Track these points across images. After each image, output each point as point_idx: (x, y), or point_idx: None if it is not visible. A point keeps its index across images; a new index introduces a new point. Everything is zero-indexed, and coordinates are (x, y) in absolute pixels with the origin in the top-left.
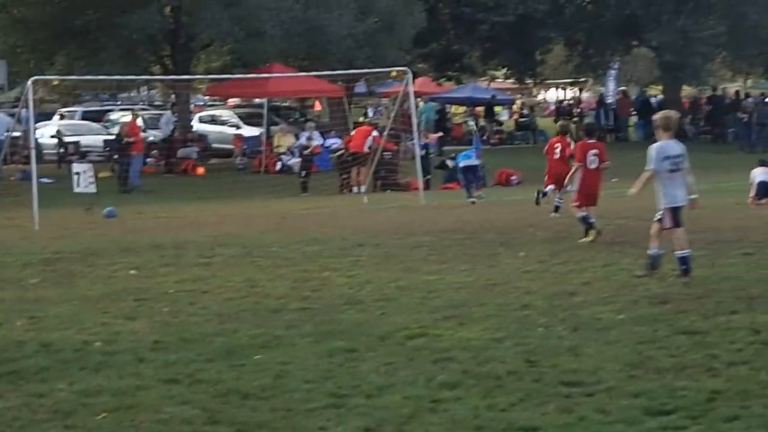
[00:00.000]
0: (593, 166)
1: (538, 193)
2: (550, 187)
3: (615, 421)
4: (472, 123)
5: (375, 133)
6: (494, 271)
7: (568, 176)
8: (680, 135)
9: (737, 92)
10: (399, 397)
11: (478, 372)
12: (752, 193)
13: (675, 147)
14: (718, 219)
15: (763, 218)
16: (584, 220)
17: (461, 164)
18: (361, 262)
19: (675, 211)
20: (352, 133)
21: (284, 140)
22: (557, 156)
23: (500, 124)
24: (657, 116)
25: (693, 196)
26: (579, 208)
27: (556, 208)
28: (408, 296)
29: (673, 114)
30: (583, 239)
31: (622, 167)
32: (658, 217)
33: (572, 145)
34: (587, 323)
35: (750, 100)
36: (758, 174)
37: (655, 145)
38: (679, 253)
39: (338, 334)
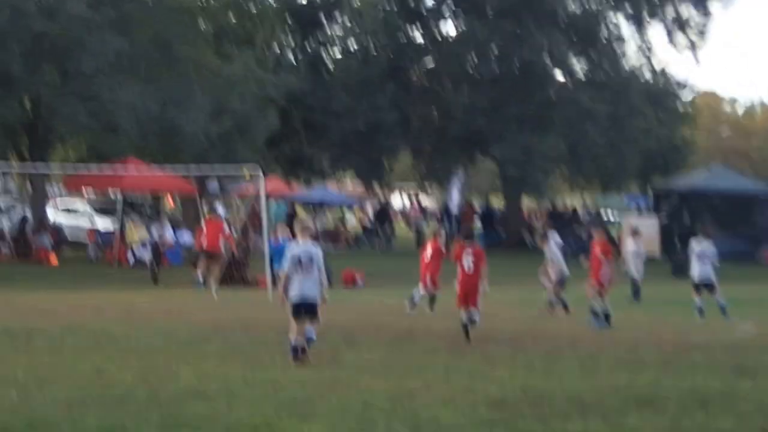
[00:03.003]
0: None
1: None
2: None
3: None
4: None
5: (225, 229)
6: (338, 369)
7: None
8: (521, 244)
9: (575, 208)
10: None
11: None
12: None
13: (307, 249)
14: (556, 327)
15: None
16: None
17: None
18: (208, 354)
19: (296, 307)
20: (203, 226)
21: (136, 233)
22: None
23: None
24: (297, 223)
25: (319, 294)
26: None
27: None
28: (253, 390)
29: (307, 221)
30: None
31: None
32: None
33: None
34: (427, 424)
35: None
36: None
37: (289, 248)
38: (306, 332)
39: (184, 425)
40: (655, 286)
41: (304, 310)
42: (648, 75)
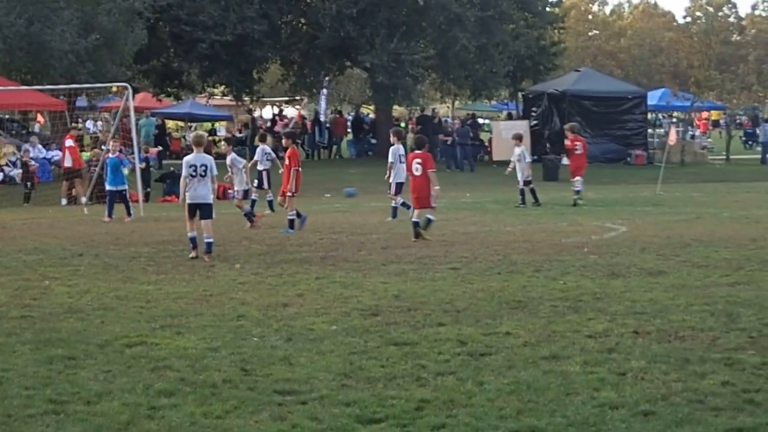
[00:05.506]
0: (417, 173)
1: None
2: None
3: (327, 428)
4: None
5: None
6: (211, 283)
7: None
8: None
9: (433, 111)
10: (117, 404)
11: (195, 380)
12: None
13: (201, 158)
14: (429, 235)
15: (468, 234)
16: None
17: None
18: (80, 271)
19: (191, 207)
20: (69, 146)
21: (4, 151)
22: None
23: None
24: (191, 136)
25: (211, 196)
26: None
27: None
28: (126, 305)
29: (203, 134)
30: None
31: (335, 182)
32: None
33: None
34: (300, 334)
35: (450, 120)
36: None
37: (186, 157)
38: (205, 238)
39: (58, 342)
40: None
41: (199, 209)
42: None
